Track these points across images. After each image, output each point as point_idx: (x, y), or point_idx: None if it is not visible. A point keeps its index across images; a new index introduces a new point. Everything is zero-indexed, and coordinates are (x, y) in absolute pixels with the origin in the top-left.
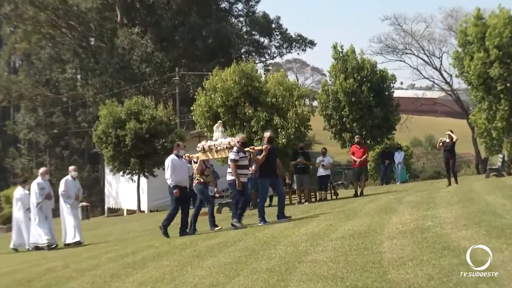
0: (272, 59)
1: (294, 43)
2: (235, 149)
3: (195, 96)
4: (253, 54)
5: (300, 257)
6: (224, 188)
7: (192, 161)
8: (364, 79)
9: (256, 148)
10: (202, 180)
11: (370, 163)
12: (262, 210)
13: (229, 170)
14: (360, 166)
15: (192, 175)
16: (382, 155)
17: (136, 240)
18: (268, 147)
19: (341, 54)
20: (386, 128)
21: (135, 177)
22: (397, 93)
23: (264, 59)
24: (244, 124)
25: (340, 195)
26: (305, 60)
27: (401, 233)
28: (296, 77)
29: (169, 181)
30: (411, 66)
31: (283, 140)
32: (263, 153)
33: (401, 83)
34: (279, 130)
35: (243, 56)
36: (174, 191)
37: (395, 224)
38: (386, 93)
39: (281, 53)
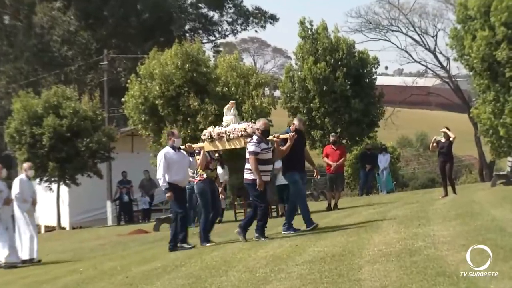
0: (224, 38)
1: (251, 18)
2: (255, 138)
3: (127, 85)
4: (200, 31)
5: (258, 286)
6: (163, 199)
7: (195, 153)
8: (339, 63)
9: (280, 136)
10: (204, 177)
11: (347, 168)
12: (293, 213)
13: (247, 165)
14: (335, 172)
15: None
16: (362, 158)
17: (56, 263)
18: (295, 135)
19: (310, 32)
20: (366, 124)
21: (54, 186)
22: (380, 81)
23: (214, 38)
24: (188, 119)
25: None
26: (265, 39)
27: (384, 256)
28: (254, 60)
29: (160, 182)
30: (398, 47)
31: None
32: (288, 143)
33: (386, 67)
34: None
35: (187, 34)
36: (167, 194)
37: (377, 245)
38: (367, 80)
39: (235, 31)
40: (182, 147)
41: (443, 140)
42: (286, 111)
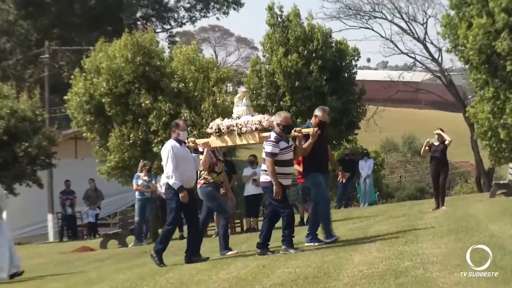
0: (180, 26)
1: (212, 4)
2: (273, 136)
3: (70, 81)
4: (153, 19)
5: None
6: (110, 212)
7: (198, 150)
8: (314, 55)
9: (303, 131)
10: (211, 180)
11: None
12: (328, 218)
13: (263, 167)
14: None
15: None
16: (340, 164)
17: None
18: (318, 131)
19: (279, 19)
20: (345, 126)
21: None
22: (362, 75)
23: (169, 27)
24: (139, 120)
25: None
26: (228, 27)
27: (366, 278)
28: (215, 52)
29: (171, 180)
30: (382, 36)
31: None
32: (311, 140)
33: (368, 60)
34: (188, 129)
35: (138, 23)
36: (181, 194)
37: (357, 265)
38: (346, 74)
39: (193, 18)
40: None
41: (436, 143)
42: (252, 111)
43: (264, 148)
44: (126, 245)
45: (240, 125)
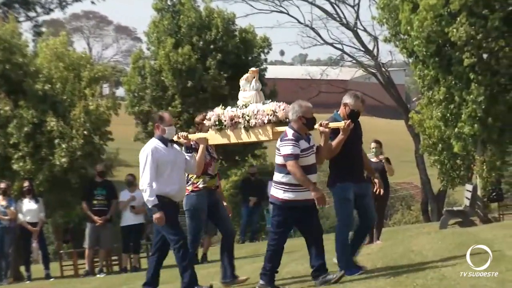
0: (48, 13)
1: None
2: (290, 133)
3: None
4: (16, 6)
5: None
6: None
7: (192, 148)
8: (212, 47)
9: (330, 125)
10: (202, 185)
11: None
12: (346, 247)
13: (277, 177)
14: None
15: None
16: (244, 187)
17: None
18: (351, 124)
19: (169, 2)
20: None
21: None
22: (273, 72)
23: (35, 15)
24: None
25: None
26: (105, 13)
27: None
28: (88, 44)
29: (145, 195)
30: (300, 23)
31: (63, 160)
32: (341, 136)
33: (282, 52)
34: (56, 141)
35: None
36: (155, 215)
37: None
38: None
39: (63, 3)
40: (174, 138)
41: (374, 159)
42: (133, 118)
43: (279, 150)
44: None
45: (248, 116)
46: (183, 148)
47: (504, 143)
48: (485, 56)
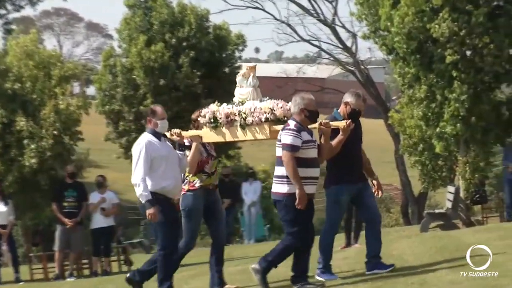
0: (18, 11)
1: None
2: (292, 123)
3: None
4: None
5: None
6: None
7: (184, 146)
8: (185, 44)
9: (331, 123)
10: (198, 184)
11: None
12: (329, 249)
13: (278, 171)
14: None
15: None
16: (218, 189)
17: None
18: (352, 124)
19: None
20: None
21: None
22: None
23: (5, 12)
24: None
25: (138, 264)
26: (76, 10)
27: None
28: (59, 42)
29: (138, 190)
30: (276, 19)
31: (32, 161)
32: (341, 136)
33: (257, 50)
34: (25, 141)
35: None
36: (149, 210)
37: None
38: (227, 69)
39: (34, 1)
40: (167, 134)
41: None
42: (104, 118)
43: (279, 140)
44: None
45: (245, 113)
46: (176, 145)
47: (488, 143)
48: (468, 53)
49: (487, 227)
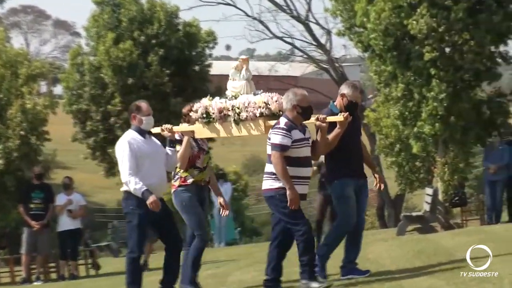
0: None
1: None
2: (283, 121)
3: None
4: None
5: None
6: None
7: (175, 141)
8: (154, 42)
9: (328, 118)
10: (190, 180)
11: None
12: (332, 248)
13: (268, 168)
14: None
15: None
16: None
17: None
18: (349, 117)
19: None
20: None
21: None
22: (219, 68)
23: None
24: None
25: (106, 268)
26: (44, 7)
27: None
28: (26, 40)
29: (131, 185)
30: (248, 15)
31: None
32: (338, 129)
33: (228, 47)
34: None
35: None
36: (149, 201)
37: None
38: (197, 67)
39: None
40: (156, 130)
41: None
42: (71, 117)
43: (269, 139)
44: None
45: (238, 108)
46: (167, 141)
47: (467, 143)
48: (447, 50)
49: (467, 230)
